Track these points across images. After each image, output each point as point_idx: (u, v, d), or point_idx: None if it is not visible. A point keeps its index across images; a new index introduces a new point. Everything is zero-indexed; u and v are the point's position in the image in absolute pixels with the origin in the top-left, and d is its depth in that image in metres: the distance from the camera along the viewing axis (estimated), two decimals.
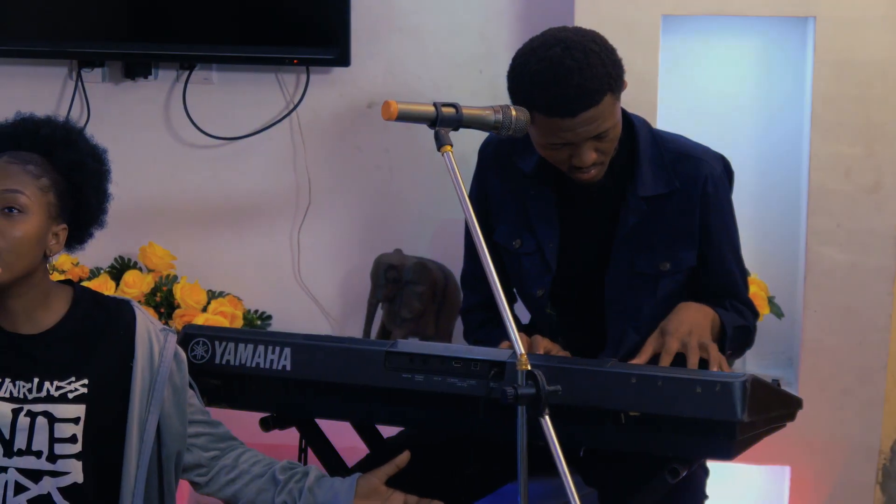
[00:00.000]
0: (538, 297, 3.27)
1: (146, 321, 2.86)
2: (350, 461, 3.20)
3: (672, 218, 3.20)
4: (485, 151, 3.37)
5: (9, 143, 2.79)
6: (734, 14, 4.00)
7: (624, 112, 3.22)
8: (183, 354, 2.89)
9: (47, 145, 2.78)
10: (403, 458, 2.94)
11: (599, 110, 3.00)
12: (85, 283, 4.27)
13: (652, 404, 2.74)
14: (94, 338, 2.80)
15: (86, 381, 2.76)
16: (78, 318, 2.81)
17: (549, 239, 3.24)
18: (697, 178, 3.20)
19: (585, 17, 3.99)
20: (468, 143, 3.31)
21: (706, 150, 3.28)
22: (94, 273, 4.42)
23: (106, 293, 4.19)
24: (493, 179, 3.32)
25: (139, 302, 4.26)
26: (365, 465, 3.18)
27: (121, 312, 2.86)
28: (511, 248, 3.27)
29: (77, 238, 2.86)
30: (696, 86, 4.23)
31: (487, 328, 3.35)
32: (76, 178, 2.80)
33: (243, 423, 3.17)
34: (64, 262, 4.35)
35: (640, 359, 2.98)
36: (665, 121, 3.99)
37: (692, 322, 3.06)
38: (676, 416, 2.72)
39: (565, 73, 2.99)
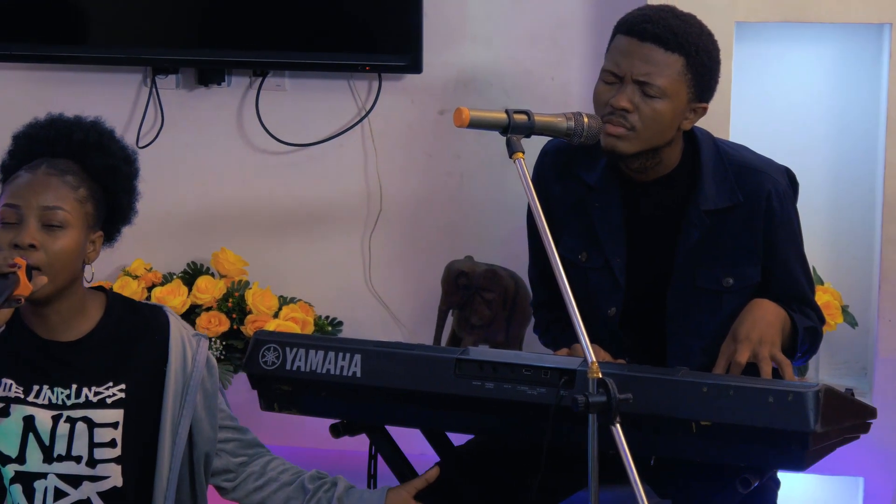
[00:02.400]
0: (609, 317, 3.25)
1: (179, 327, 2.90)
2: (419, 468, 3.20)
3: (735, 232, 3.17)
4: (543, 161, 3.34)
5: (44, 147, 2.81)
6: (808, 21, 3.97)
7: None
8: (214, 360, 2.93)
9: (81, 150, 2.81)
10: (433, 472, 2.95)
11: (664, 59, 3.03)
12: (157, 289, 4.31)
13: (724, 414, 2.72)
14: (129, 343, 2.84)
15: (123, 386, 2.79)
16: (113, 323, 2.84)
17: (616, 255, 3.22)
18: (761, 193, 3.16)
19: None
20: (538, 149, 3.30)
21: (770, 163, 3.25)
22: (167, 278, 4.45)
23: (178, 299, 4.25)
24: (555, 188, 3.29)
25: (211, 307, 4.29)
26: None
27: (155, 318, 2.89)
28: (577, 261, 3.25)
29: (108, 238, 2.89)
30: (769, 93, 4.20)
31: (555, 329, 3.34)
32: (109, 183, 2.83)
33: (313, 428, 3.18)
34: (137, 268, 4.39)
35: (717, 368, 2.96)
36: (738, 129, 3.96)
37: (764, 324, 3.02)
38: (748, 425, 2.70)
39: (667, 12, 3.13)
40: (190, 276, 4.47)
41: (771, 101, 4.20)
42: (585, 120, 2.88)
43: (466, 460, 3.19)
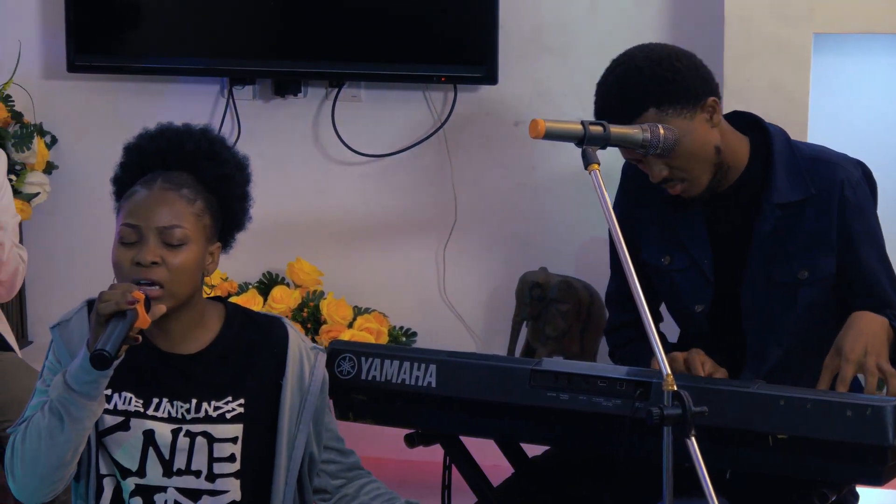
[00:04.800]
0: (697, 314, 3.24)
1: (298, 339, 2.85)
2: (494, 479, 3.20)
3: (809, 225, 3.15)
4: (628, 171, 3.34)
5: (155, 159, 2.77)
6: (887, 32, 3.94)
7: (760, 121, 3.20)
8: (327, 375, 2.88)
9: (193, 160, 2.77)
10: None
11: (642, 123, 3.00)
12: (233, 299, 4.34)
13: (800, 427, 2.70)
14: (247, 356, 2.80)
15: (242, 401, 2.76)
16: (231, 336, 2.81)
17: (704, 255, 3.21)
18: (834, 184, 3.14)
19: (736, 36, 3.96)
20: (614, 161, 3.30)
21: (844, 156, 3.23)
22: (243, 288, 4.48)
23: (253, 309, 4.26)
24: (638, 196, 3.29)
25: (286, 317, 4.31)
26: (510, 485, 3.18)
27: (273, 330, 2.85)
28: (661, 265, 3.24)
29: (224, 245, 2.86)
30: (847, 105, 4.17)
31: (634, 345, 3.32)
32: (223, 192, 2.79)
33: (388, 438, 3.18)
34: (213, 277, 4.41)
35: (821, 384, 2.91)
36: (815, 141, 3.92)
37: (870, 335, 2.97)
38: (825, 439, 2.67)
39: (605, 89, 3.10)
40: (265, 285, 4.50)
41: (849, 113, 4.17)
42: (661, 131, 2.88)
43: (541, 471, 3.19)
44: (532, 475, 2.96)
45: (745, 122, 3.24)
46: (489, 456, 3.24)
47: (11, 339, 3.78)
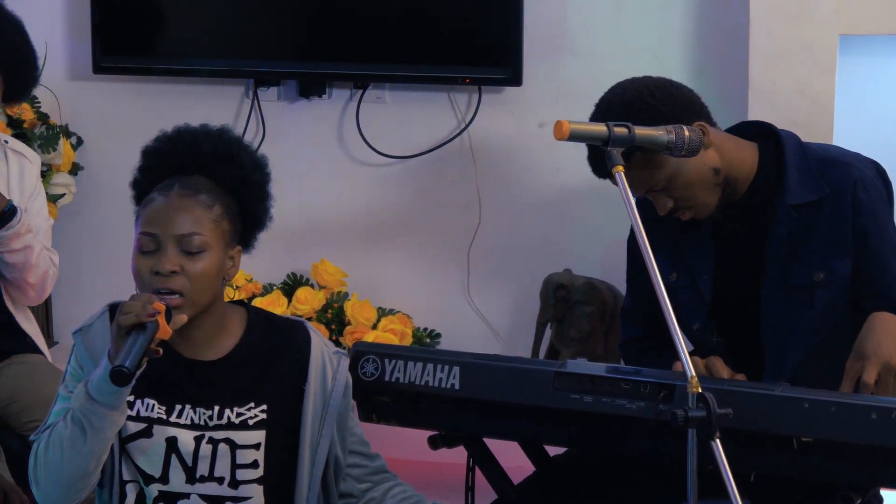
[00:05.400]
0: (695, 331, 3.24)
1: (321, 343, 2.84)
2: (517, 480, 3.20)
3: (824, 226, 3.14)
4: None
5: (173, 162, 2.76)
6: None
7: (771, 128, 3.20)
8: (350, 380, 2.87)
9: (211, 163, 2.76)
10: None
11: (633, 168, 2.99)
12: (257, 300, 4.35)
13: (825, 430, 2.69)
14: (269, 361, 2.79)
15: (264, 407, 2.75)
16: (253, 341, 2.80)
17: (702, 270, 3.20)
18: (846, 183, 3.13)
19: (761, 38, 3.95)
20: None
21: (856, 155, 3.21)
22: (267, 289, 4.49)
23: (278, 310, 4.26)
24: (650, 211, 3.27)
25: (311, 318, 4.32)
26: (531, 483, 3.17)
27: (295, 334, 2.83)
28: (668, 281, 3.23)
29: (245, 246, 2.85)
30: (873, 106, 4.15)
31: (648, 358, 3.31)
32: (242, 195, 2.78)
33: (411, 440, 3.18)
34: (238, 278, 4.42)
35: (843, 388, 2.90)
36: (841, 143, 3.91)
37: (890, 338, 2.96)
38: (850, 442, 2.67)
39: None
40: (290, 286, 4.50)
41: (875, 115, 4.15)
42: (686, 133, 2.87)
43: (561, 470, 3.19)
44: (552, 474, 2.95)
45: (753, 130, 3.23)
46: (513, 458, 3.23)
47: (41, 341, 3.80)
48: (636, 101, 3.06)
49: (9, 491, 2.99)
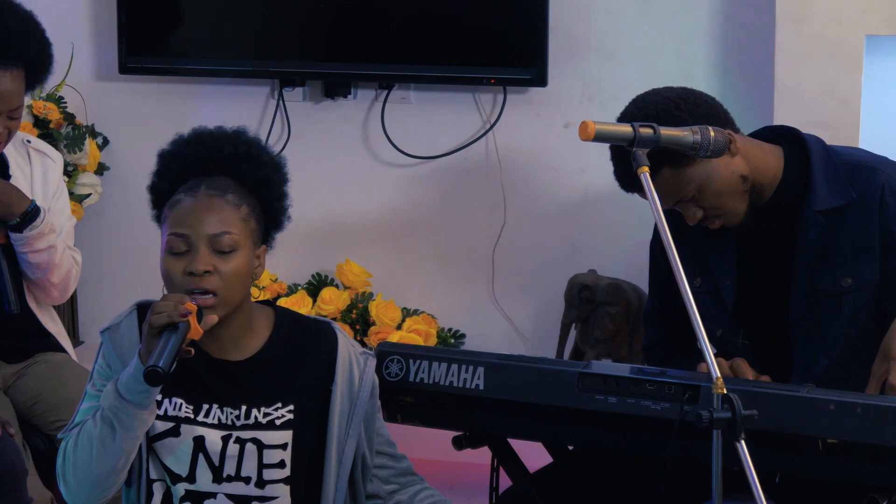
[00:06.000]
0: (718, 337, 3.23)
1: (347, 344, 2.84)
2: None
3: (851, 231, 3.13)
4: None
5: (195, 165, 2.76)
6: None
7: (796, 133, 3.19)
8: (377, 380, 2.88)
9: (233, 164, 2.76)
10: None
11: (661, 181, 3.01)
12: (282, 300, 4.36)
13: (851, 431, 2.68)
14: (296, 361, 2.80)
15: (291, 407, 2.76)
16: (281, 341, 2.80)
17: (725, 277, 3.20)
18: (874, 188, 3.12)
19: (787, 38, 3.94)
20: None
21: (883, 159, 3.20)
22: (292, 289, 4.49)
23: (303, 310, 4.27)
24: (675, 216, 3.26)
25: (335, 318, 4.32)
26: (547, 472, 3.17)
27: (322, 334, 2.84)
28: (692, 287, 3.22)
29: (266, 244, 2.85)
30: None
31: (671, 362, 3.30)
32: (263, 194, 2.79)
33: (435, 440, 3.18)
34: (263, 278, 4.43)
35: (869, 390, 2.90)
36: (867, 143, 3.90)
37: None
38: (876, 444, 2.66)
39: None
40: (314, 287, 4.51)
41: None
42: (711, 133, 2.86)
43: (580, 463, 3.19)
44: (571, 466, 2.95)
45: (777, 134, 3.22)
46: (536, 458, 3.23)
47: (66, 341, 3.81)
48: (661, 112, 3.05)
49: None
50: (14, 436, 3.31)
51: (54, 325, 3.79)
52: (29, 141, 3.77)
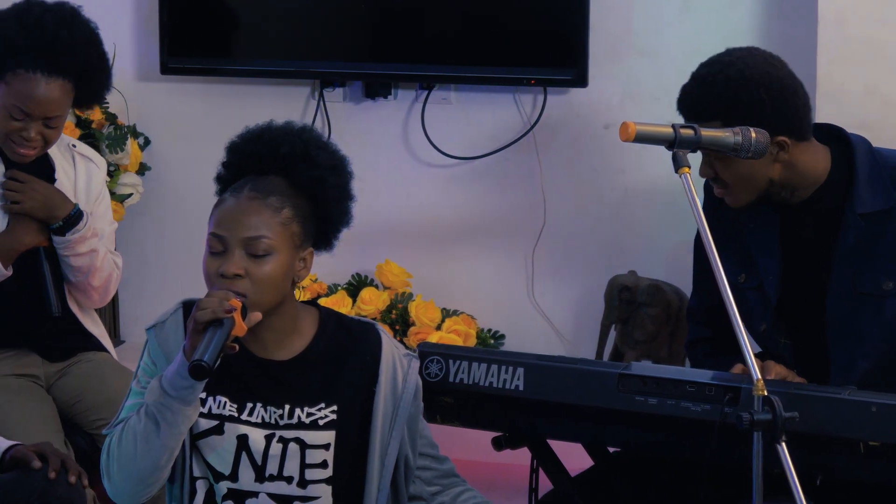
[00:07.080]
0: (761, 332, 3.22)
1: (391, 346, 2.84)
2: None
3: (893, 235, 3.11)
4: (708, 188, 3.31)
5: (251, 162, 2.77)
6: None
7: (842, 131, 3.18)
8: (420, 382, 2.86)
9: (287, 164, 2.76)
10: None
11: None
12: (322, 300, 4.36)
13: (892, 434, 2.67)
14: (340, 362, 2.80)
15: (335, 408, 2.76)
16: (325, 341, 2.80)
17: (769, 271, 3.18)
18: None
19: (830, 38, 3.92)
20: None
21: None
22: (332, 289, 4.50)
23: (343, 310, 4.27)
24: (718, 214, 3.25)
25: (374, 319, 4.33)
26: (588, 475, 3.17)
27: (366, 335, 2.83)
28: (737, 282, 3.21)
29: (325, 246, 2.85)
30: None
31: (714, 359, 3.29)
32: (317, 195, 2.78)
33: (475, 441, 3.18)
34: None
35: None
36: None
37: None
38: None
39: (693, 80, 3.17)
40: (354, 287, 4.52)
41: None
42: (753, 135, 2.85)
43: (621, 467, 3.18)
44: (612, 469, 2.94)
45: (825, 132, 3.20)
46: (576, 459, 3.23)
47: (107, 341, 3.83)
48: (752, 83, 3.06)
49: (65, 460, 3.01)
50: (87, 487, 3.22)
51: (96, 327, 3.81)
52: (74, 145, 3.79)
